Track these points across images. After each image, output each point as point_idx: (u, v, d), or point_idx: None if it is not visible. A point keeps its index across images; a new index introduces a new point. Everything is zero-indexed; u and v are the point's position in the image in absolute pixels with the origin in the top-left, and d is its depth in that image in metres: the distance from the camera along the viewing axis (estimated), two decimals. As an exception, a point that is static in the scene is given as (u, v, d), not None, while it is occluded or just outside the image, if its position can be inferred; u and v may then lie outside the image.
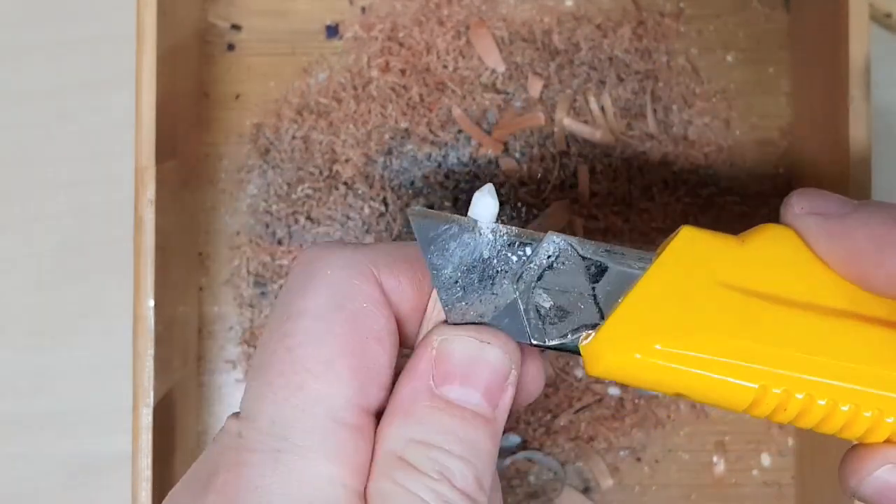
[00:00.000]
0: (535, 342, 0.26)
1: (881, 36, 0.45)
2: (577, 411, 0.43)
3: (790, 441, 0.44)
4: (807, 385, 0.25)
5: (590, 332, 0.26)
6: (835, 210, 0.26)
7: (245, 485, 0.24)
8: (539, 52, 0.44)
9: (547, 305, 0.26)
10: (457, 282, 0.26)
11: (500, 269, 0.26)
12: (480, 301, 0.26)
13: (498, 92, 0.44)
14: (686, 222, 0.43)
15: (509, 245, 0.26)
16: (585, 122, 0.44)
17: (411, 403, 0.25)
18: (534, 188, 0.43)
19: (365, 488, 0.25)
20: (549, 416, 0.43)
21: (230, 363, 0.44)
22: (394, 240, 0.43)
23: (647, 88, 0.44)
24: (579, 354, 0.26)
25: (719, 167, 0.44)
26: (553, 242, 0.26)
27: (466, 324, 0.26)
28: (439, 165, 0.43)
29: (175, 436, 0.40)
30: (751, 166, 0.44)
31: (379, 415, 0.26)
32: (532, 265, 0.26)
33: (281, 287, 0.43)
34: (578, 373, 0.43)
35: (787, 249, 0.26)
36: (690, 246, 0.26)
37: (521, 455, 0.43)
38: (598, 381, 0.43)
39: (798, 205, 0.27)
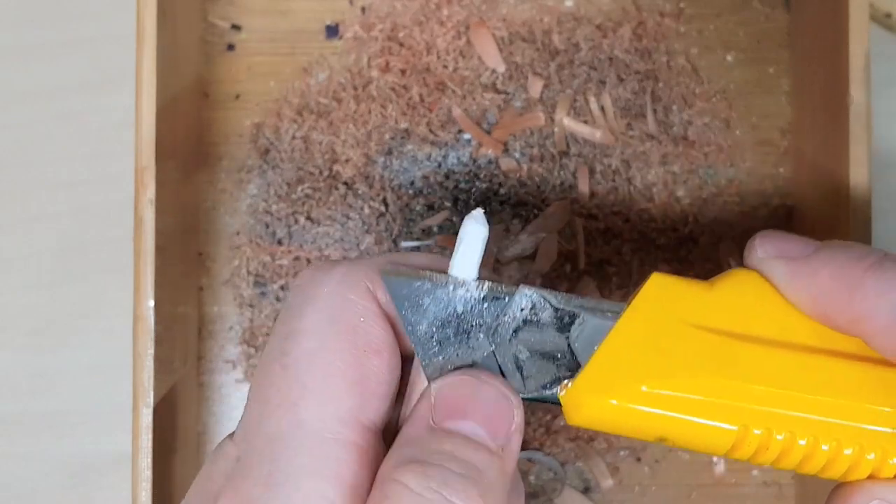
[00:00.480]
0: None
1: (881, 36, 0.45)
2: (577, 411, 0.43)
3: (790, 441, 0.44)
4: (787, 422, 0.25)
5: (567, 381, 0.26)
6: (797, 252, 0.26)
7: None
8: (539, 52, 0.44)
9: (523, 357, 0.26)
10: (433, 337, 0.26)
11: (474, 322, 0.26)
12: (458, 355, 0.26)
13: (498, 92, 0.44)
14: (685, 223, 0.43)
15: (483, 299, 0.26)
16: (585, 122, 0.44)
17: (408, 438, 0.25)
18: (534, 188, 0.43)
19: None
20: (549, 416, 0.43)
21: (230, 363, 0.44)
22: (393, 240, 0.43)
23: (647, 88, 0.44)
24: (559, 404, 0.26)
25: (719, 167, 0.44)
26: (525, 295, 0.26)
27: (463, 369, 0.26)
28: (439, 165, 0.43)
29: (175, 436, 0.40)
30: (751, 166, 0.44)
31: (382, 431, 0.26)
32: (506, 318, 0.26)
33: (281, 288, 0.43)
34: (578, 373, 0.43)
35: (755, 292, 0.27)
36: (661, 291, 0.26)
37: (522, 455, 0.43)
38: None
39: (761, 248, 0.27)
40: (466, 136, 0.43)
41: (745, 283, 0.27)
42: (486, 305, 0.26)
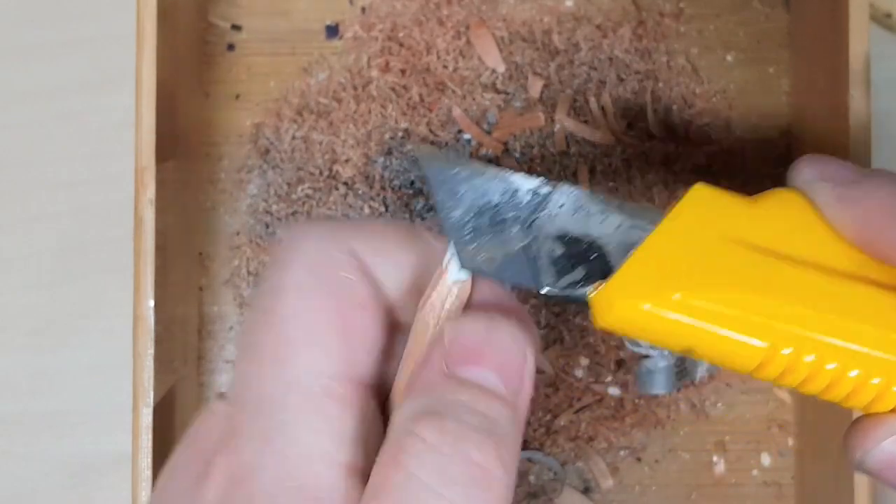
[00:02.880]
0: (544, 290, 0.26)
1: (881, 36, 0.45)
2: (577, 411, 0.43)
3: (790, 441, 0.44)
4: (816, 345, 0.25)
5: (599, 282, 0.26)
6: (845, 177, 0.26)
7: (239, 472, 0.24)
8: (539, 52, 0.44)
9: (557, 254, 0.26)
10: (466, 224, 0.26)
11: (511, 214, 0.26)
12: (490, 245, 0.26)
13: (498, 92, 0.44)
14: (686, 222, 0.43)
15: (521, 192, 0.26)
16: (585, 122, 0.44)
17: (423, 386, 0.24)
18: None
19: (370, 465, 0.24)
20: (548, 416, 0.43)
21: (230, 363, 0.44)
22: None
23: (647, 88, 0.44)
24: (587, 305, 0.26)
25: (719, 167, 0.44)
26: (566, 192, 0.26)
27: (476, 314, 0.25)
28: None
29: (175, 436, 0.40)
30: (751, 166, 0.44)
31: (371, 385, 0.25)
32: (544, 213, 0.26)
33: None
34: (578, 373, 0.43)
35: (797, 212, 0.26)
36: (702, 202, 0.26)
37: (522, 455, 0.43)
38: (597, 380, 0.43)
39: (808, 170, 0.27)
40: (466, 136, 0.43)
41: (788, 203, 0.27)
42: (524, 198, 0.26)
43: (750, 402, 0.44)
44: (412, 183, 0.43)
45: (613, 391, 0.43)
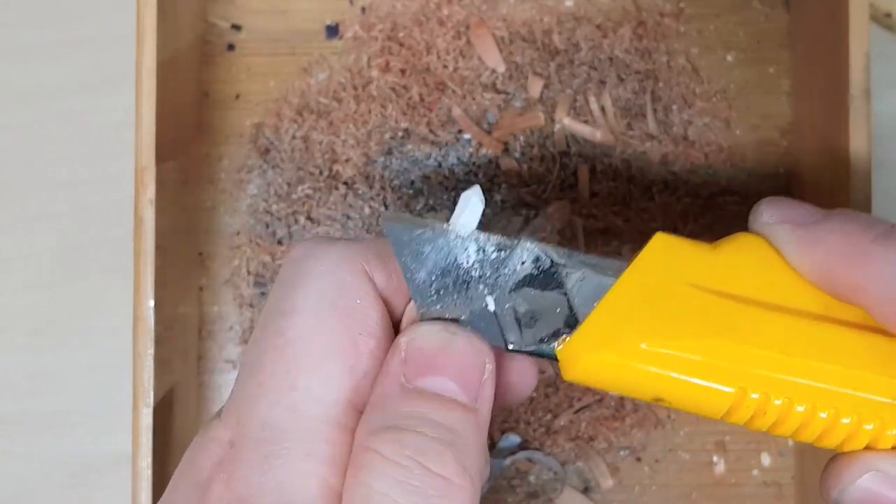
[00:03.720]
0: (511, 347, 0.26)
1: (881, 36, 0.45)
2: (577, 411, 0.43)
3: (790, 441, 0.44)
4: (785, 387, 0.25)
5: (565, 336, 0.26)
6: (804, 219, 0.26)
7: (238, 496, 0.23)
8: (539, 52, 0.44)
9: (522, 310, 0.26)
10: (431, 285, 0.26)
11: (474, 273, 0.26)
12: (455, 305, 0.26)
13: (498, 92, 0.44)
14: (686, 222, 0.43)
15: (483, 250, 0.26)
16: (585, 122, 0.44)
17: (381, 399, 0.24)
18: (534, 188, 0.43)
19: None
20: (549, 416, 0.43)
21: (230, 363, 0.44)
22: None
23: (647, 88, 0.44)
24: (555, 360, 0.26)
25: (719, 167, 0.44)
26: (526, 249, 0.26)
27: (437, 319, 0.26)
28: (439, 165, 0.43)
29: (175, 436, 0.40)
30: (751, 166, 0.44)
31: None
32: (506, 270, 0.26)
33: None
34: (578, 373, 0.43)
35: (759, 256, 0.26)
36: (663, 251, 0.26)
37: (521, 455, 0.43)
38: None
39: (767, 213, 0.27)
40: (466, 136, 0.43)
41: (749, 247, 0.27)
42: (486, 257, 0.26)
43: (750, 402, 0.44)
44: (412, 183, 0.43)
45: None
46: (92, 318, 0.45)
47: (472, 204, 0.26)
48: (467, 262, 0.26)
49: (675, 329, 0.25)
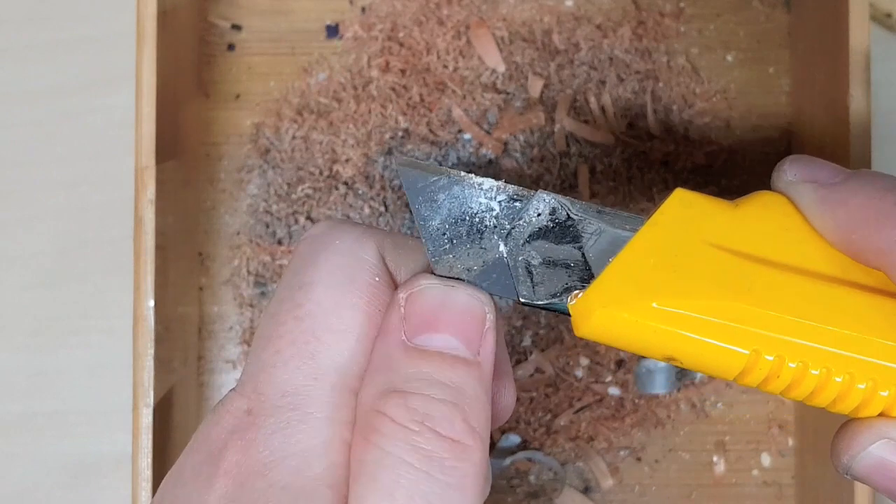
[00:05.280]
0: (523, 300, 0.26)
1: (881, 36, 0.45)
2: (577, 411, 0.43)
3: (790, 441, 0.44)
4: (800, 351, 0.24)
5: (579, 291, 0.25)
6: (828, 178, 0.26)
7: (256, 464, 0.23)
8: (539, 52, 0.44)
9: (536, 263, 0.26)
10: (444, 234, 0.26)
11: (489, 223, 0.26)
12: (468, 255, 0.26)
13: (498, 92, 0.44)
14: (686, 222, 0.43)
15: (499, 200, 0.26)
16: (585, 122, 0.44)
17: (385, 359, 0.24)
18: (534, 188, 0.43)
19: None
20: (549, 416, 0.43)
21: (230, 363, 0.44)
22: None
23: (647, 88, 0.44)
24: (568, 314, 0.26)
25: (719, 167, 0.44)
26: (543, 200, 0.26)
27: (434, 276, 0.25)
28: (439, 165, 0.43)
29: (175, 436, 0.40)
30: (751, 166, 0.44)
31: None
32: (522, 221, 0.26)
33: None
34: (579, 373, 0.43)
35: (780, 215, 0.26)
36: (683, 207, 0.26)
37: (521, 455, 0.43)
38: (597, 380, 0.43)
39: (791, 171, 0.26)
40: (466, 136, 0.44)
41: (770, 206, 0.26)
42: (502, 207, 0.26)
43: (750, 402, 0.44)
44: (412, 183, 0.43)
45: (613, 391, 0.43)
46: (92, 318, 0.45)
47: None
48: (482, 212, 0.26)
49: (691, 288, 0.25)
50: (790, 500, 0.43)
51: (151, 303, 0.37)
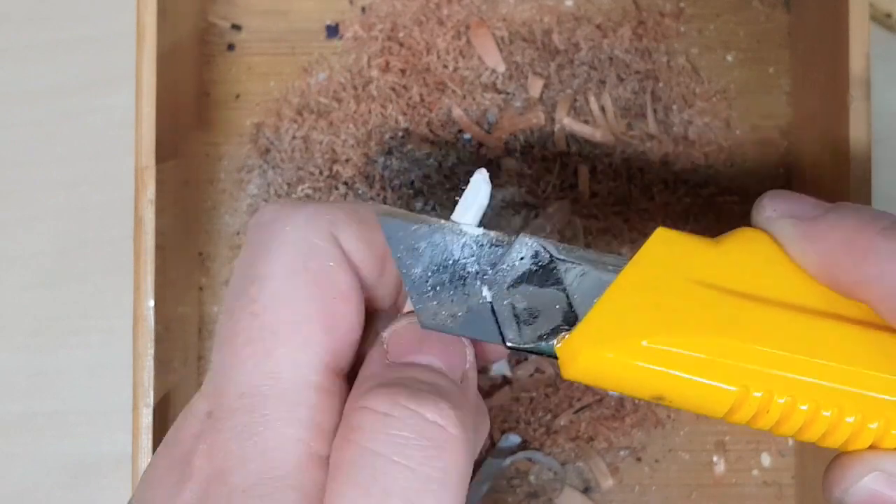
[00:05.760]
0: (509, 344, 0.26)
1: (881, 36, 0.45)
2: (577, 411, 0.43)
3: (790, 441, 0.44)
4: (788, 385, 0.24)
5: (565, 333, 0.25)
6: (807, 212, 0.26)
7: (217, 469, 0.23)
8: (539, 52, 0.44)
9: (521, 307, 0.26)
10: (427, 281, 0.25)
11: (472, 269, 0.26)
12: (452, 301, 0.25)
13: (498, 92, 0.44)
14: (686, 222, 0.43)
15: (480, 246, 0.26)
16: (585, 122, 0.44)
17: (368, 375, 0.24)
18: (534, 188, 0.43)
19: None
20: (549, 416, 0.43)
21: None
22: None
23: (647, 88, 0.44)
24: (555, 357, 0.26)
25: (719, 167, 0.44)
26: (525, 244, 0.26)
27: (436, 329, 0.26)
28: (439, 165, 0.43)
29: (175, 436, 0.40)
30: (751, 166, 0.44)
31: (350, 378, 0.25)
32: (504, 266, 0.26)
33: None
34: (578, 373, 0.43)
35: (761, 251, 0.26)
36: (665, 246, 0.26)
37: (521, 455, 0.43)
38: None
39: (770, 207, 0.27)
40: (466, 136, 0.44)
41: (751, 242, 0.26)
42: (484, 252, 0.26)
43: (750, 402, 0.44)
44: (412, 183, 0.43)
45: (613, 391, 0.43)
46: (92, 318, 0.45)
47: (476, 190, 0.26)
48: (464, 258, 0.26)
49: (676, 326, 0.25)
50: (790, 500, 0.43)
51: (151, 303, 0.37)
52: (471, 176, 0.27)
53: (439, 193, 0.43)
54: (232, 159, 0.44)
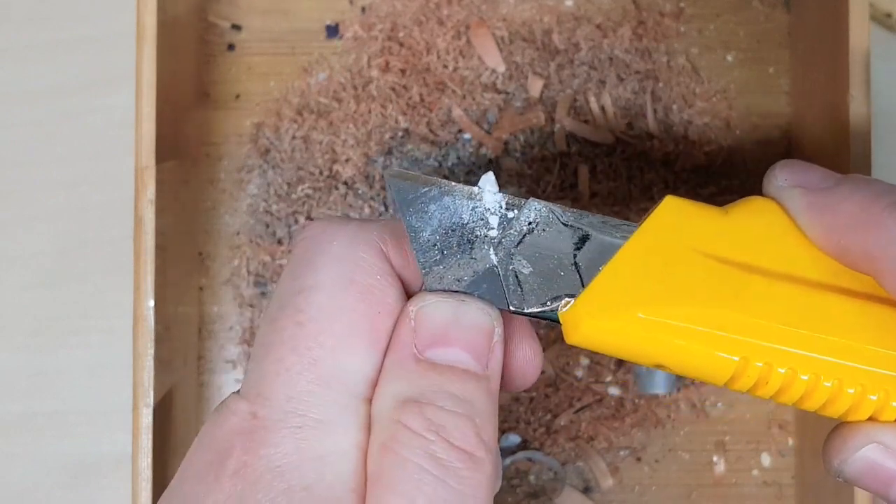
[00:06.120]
0: (513, 308, 0.26)
1: (881, 36, 0.45)
2: (577, 411, 0.43)
3: (790, 441, 0.44)
4: (789, 358, 0.25)
5: (569, 299, 0.26)
6: (818, 183, 0.26)
7: (265, 466, 0.23)
8: (539, 52, 0.44)
9: (526, 272, 0.26)
10: (435, 245, 0.26)
11: (479, 233, 0.26)
12: (459, 265, 0.26)
13: (498, 92, 0.44)
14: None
15: (490, 209, 0.26)
16: (585, 122, 0.44)
17: (398, 369, 0.25)
18: (534, 188, 0.43)
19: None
20: (549, 416, 0.43)
21: (230, 363, 0.44)
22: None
23: (647, 88, 0.44)
24: (559, 323, 0.26)
25: (719, 167, 0.44)
26: (534, 208, 0.26)
27: (443, 291, 0.26)
28: (439, 165, 0.43)
29: (175, 436, 0.40)
30: (751, 166, 0.44)
31: None
32: (512, 230, 0.26)
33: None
34: (579, 373, 0.43)
35: (770, 221, 0.26)
36: (673, 215, 0.26)
37: (521, 455, 0.43)
38: (597, 380, 0.43)
39: (781, 176, 0.27)
40: (466, 135, 0.44)
41: (760, 212, 0.26)
42: (492, 216, 0.26)
43: (750, 402, 0.44)
44: (412, 183, 0.43)
45: (613, 391, 0.43)
46: (92, 318, 0.45)
47: (488, 175, 0.26)
48: (473, 222, 0.26)
49: (680, 297, 0.25)
50: (790, 500, 0.43)
51: (151, 303, 0.37)
52: (476, 178, 0.27)
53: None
54: (232, 159, 0.44)
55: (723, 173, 0.44)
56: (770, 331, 0.25)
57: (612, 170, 0.43)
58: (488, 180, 0.26)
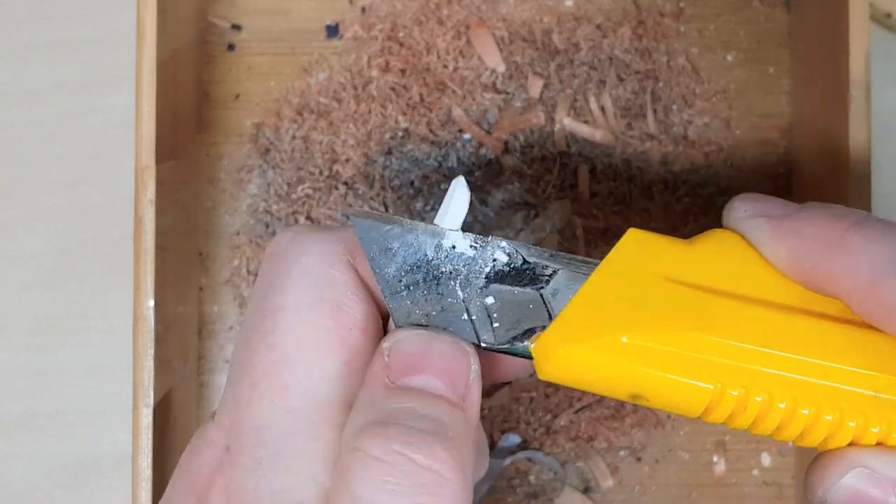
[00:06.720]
0: (484, 344, 0.26)
1: (881, 36, 0.45)
2: (577, 411, 0.43)
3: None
4: (765, 381, 0.24)
5: (538, 333, 0.25)
6: (778, 212, 0.26)
7: (235, 501, 0.23)
8: (539, 52, 0.44)
9: (495, 307, 0.26)
10: (400, 280, 0.25)
11: (445, 269, 0.26)
12: (426, 300, 0.25)
13: (498, 92, 0.44)
14: (686, 222, 0.43)
15: (453, 247, 0.26)
16: (585, 122, 0.44)
17: (369, 400, 0.24)
18: (534, 188, 0.43)
19: None
20: (549, 416, 0.43)
21: (230, 363, 0.44)
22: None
23: (647, 88, 0.44)
24: (530, 357, 0.26)
25: (719, 167, 0.44)
26: (498, 246, 0.26)
27: (414, 325, 0.25)
28: (439, 165, 0.43)
29: (175, 436, 0.40)
30: (751, 166, 0.44)
31: None
32: (478, 267, 0.26)
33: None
34: (578, 373, 0.43)
35: (734, 250, 0.26)
36: (638, 245, 0.26)
37: (521, 455, 0.43)
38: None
39: (742, 208, 0.27)
40: (466, 136, 0.44)
41: (724, 243, 0.26)
42: (457, 254, 0.26)
43: (750, 402, 0.44)
44: (412, 183, 0.43)
45: (613, 391, 0.43)
46: (92, 318, 0.45)
47: (457, 195, 0.26)
48: (437, 259, 0.26)
49: (651, 322, 0.24)
50: (790, 500, 0.43)
51: (151, 303, 0.37)
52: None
53: (439, 193, 0.43)
54: (232, 159, 0.44)
55: (723, 173, 0.44)
56: (745, 353, 0.24)
57: (612, 170, 0.43)
58: (459, 183, 0.26)
